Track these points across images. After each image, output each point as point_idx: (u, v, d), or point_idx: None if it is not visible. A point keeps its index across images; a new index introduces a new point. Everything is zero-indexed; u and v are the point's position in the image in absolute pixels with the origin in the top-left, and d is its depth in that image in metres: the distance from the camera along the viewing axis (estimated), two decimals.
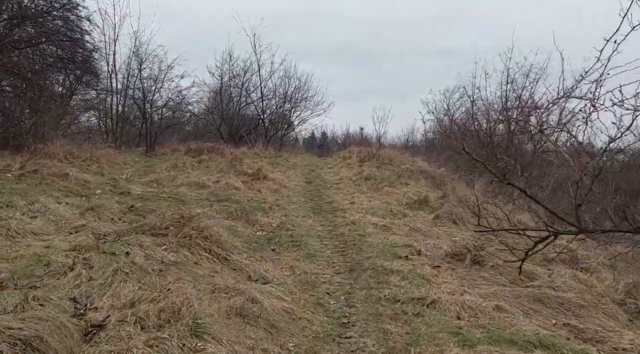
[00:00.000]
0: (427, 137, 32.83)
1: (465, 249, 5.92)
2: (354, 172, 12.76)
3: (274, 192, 10.33)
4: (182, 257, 4.47)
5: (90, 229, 4.86)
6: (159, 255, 4.36)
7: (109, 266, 3.71)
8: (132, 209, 5.90)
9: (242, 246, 5.57)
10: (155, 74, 15.63)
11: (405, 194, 9.85)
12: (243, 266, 4.87)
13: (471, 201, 8.62)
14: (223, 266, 4.58)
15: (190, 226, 5.02)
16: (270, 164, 14.24)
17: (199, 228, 5.01)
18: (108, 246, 4.26)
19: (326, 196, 10.12)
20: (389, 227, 7.37)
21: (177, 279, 3.64)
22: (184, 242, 4.76)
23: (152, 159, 13.80)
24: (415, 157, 15.88)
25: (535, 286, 4.79)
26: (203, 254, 4.69)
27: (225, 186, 9.80)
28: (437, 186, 11.66)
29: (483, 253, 5.60)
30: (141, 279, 3.61)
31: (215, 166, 12.41)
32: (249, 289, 3.89)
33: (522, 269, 5.21)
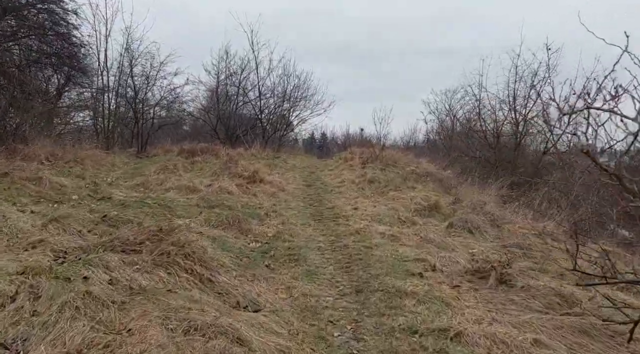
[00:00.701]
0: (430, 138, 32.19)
1: (487, 265, 5.16)
2: (357, 175, 12.01)
3: (270, 197, 9.57)
4: (155, 281, 3.72)
5: (50, 245, 4.11)
6: (128, 278, 3.60)
7: (59, 297, 2.97)
8: (104, 220, 5.16)
9: (232, 262, 4.81)
10: (147, 71, 14.88)
11: (413, 199, 9.09)
12: (230, 288, 4.12)
13: (487, 207, 7.88)
14: (204, 292, 3.82)
15: (169, 240, 4.26)
16: (267, 166, 13.48)
17: (179, 243, 4.25)
18: (64, 268, 3.51)
19: (327, 201, 9.36)
20: (397, 238, 6.61)
21: (142, 314, 2.89)
22: (160, 261, 4.00)
23: (143, 161, 13.04)
24: (420, 159, 15.12)
25: (577, 314, 4.03)
26: (182, 276, 3.93)
27: (218, 190, 9.04)
28: (446, 190, 10.91)
29: (510, 271, 4.84)
30: (96, 314, 2.86)
31: (209, 168, 11.67)
32: (234, 324, 3.13)
33: (557, 291, 4.47)
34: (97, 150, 12.05)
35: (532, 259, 5.87)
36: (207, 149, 13.56)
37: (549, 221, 7.48)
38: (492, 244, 6.47)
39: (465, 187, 12.16)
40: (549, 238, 6.84)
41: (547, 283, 4.71)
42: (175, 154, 13.37)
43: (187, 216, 6.88)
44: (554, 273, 5.17)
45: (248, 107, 21.00)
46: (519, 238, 6.77)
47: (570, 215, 7.58)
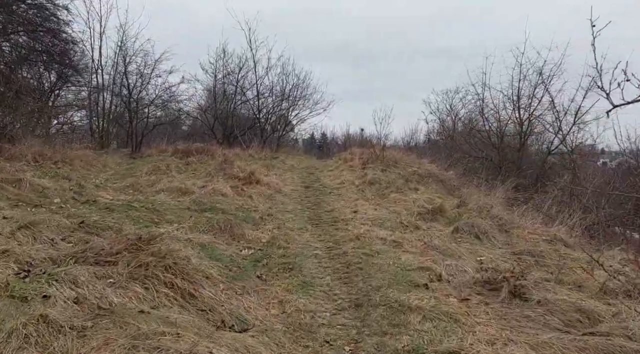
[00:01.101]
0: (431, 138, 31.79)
1: (498, 275, 4.75)
2: (357, 176, 11.59)
3: (267, 199, 9.16)
4: (130, 297, 3.30)
5: (15, 256, 3.69)
6: (98, 295, 3.19)
7: (8, 322, 2.56)
8: (82, 226, 4.74)
9: (220, 273, 4.40)
10: (141, 69, 14.46)
11: (416, 202, 8.68)
12: (216, 304, 3.70)
13: (494, 210, 7.46)
14: (185, 309, 3.41)
15: (148, 250, 3.85)
16: (265, 167, 13.07)
17: (160, 254, 3.84)
18: (24, 285, 3.10)
19: (326, 204, 8.94)
20: (400, 244, 6.19)
21: (104, 342, 2.48)
22: (137, 274, 3.59)
23: (136, 162, 12.62)
24: (421, 159, 14.70)
25: (602, 334, 3.61)
26: (161, 291, 3.52)
27: (212, 192, 8.63)
28: (450, 191, 10.50)
29: (524, 283, 4.42)
30: (49, 344, 2.45)
31: (204, 168, 11.26)
32: (215, 351, 2.72)
33: (577, 306, 4.05)
34: (88, 150, 11.63)
35: (545, 268, 5.45)
36: (202, 150, 13.14)
37: (560, 226, 7.06)
38: (501, 251, 6.06)
39: (470, 189, 11.75)
40: (562, 245, 6.42)
41: (565, 296, 4.29)
42: (170, 154, 12.95)
43: (177, 221, 6.47)
44: (571, 284, 4.76)
45: (246, 107, 20.62)
46: (529, 244, 6.35)
47: (583, 219, 7.17)
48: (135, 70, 14.78)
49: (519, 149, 17.24)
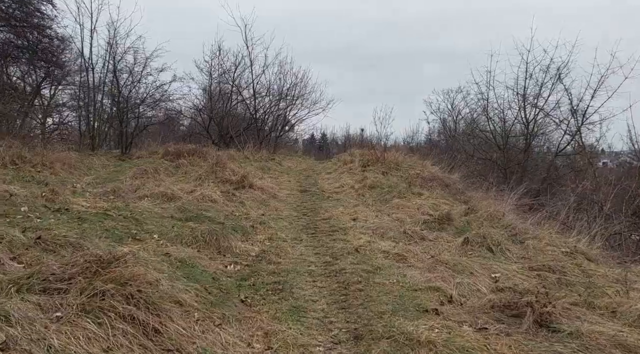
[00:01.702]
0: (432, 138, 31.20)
1: (518, 297, 4.12)
2: (356, 179, 10.98)
3: (260, 205, 8.54)
4: (77, 338, 2.68)
5: None
6: (34, 337, 2.57)
7: None
8: (39, 242, 4.12)
9: (197, 298, 3.77)
10: (131, 67, 13.84)
11: (420, 209, 8.06)
12: (186, 341, 3.08)
13: (506, 218, 6.84)
14: (147, 350, 2.79)
15: (108, 275, 3.22)
16: (260, 169, 12.48)
17: (121, 279, 3.21)
18: None
19: (323, 210, 8.32)
20: (404, 257, 5.57)
21: None
22: (91, 306, 2.97)
23: (124, 164, 12.02)
24: (424, 161, 14.07)
25: None
26: (119, 327, 2.90)
27: (200, 198, 8.01)
28: (455, 196, 9.88)
29: (552, 310, 3.79)
30: None
31: (195, 171, 10.63)
32: None
33: (617, 339, 3.43)
34: (73, 152, 11.00)
35: (570, 287, 4.83)
36: (194, 151, 12.53)
37: (579, 236, 6.43)
38: (517, 266, 5.43)
39: (476, 193, 11.15)
40: (584, 258, 5.80)
41: (600, 325, 3.66)
42: (160, 156, 12.34)
43: (158, 231, 5.85)
44: (604, 308, 4.13)
45: (243, 107, 20.02)
46: (547, 258, 5.73)
47: (604, 228, 6.55)
48: (125, 69, 14.17)
49: (525, 149, 16.63)
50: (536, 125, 16.47)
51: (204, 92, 18.69)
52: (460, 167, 14.40)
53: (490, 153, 17.67)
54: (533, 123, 16.58)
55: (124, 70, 14.30)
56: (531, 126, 16.37)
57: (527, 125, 16.34)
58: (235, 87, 18.57)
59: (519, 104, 16.27)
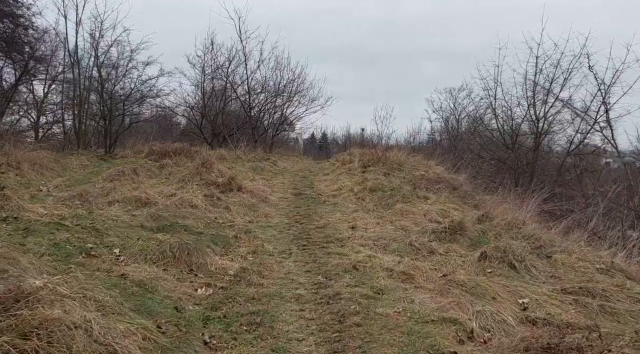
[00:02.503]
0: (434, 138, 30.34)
1: (560, 336, 3.23)
2: (356, 181, 10.07)
3: (248, 210, 7.65)
4: None
5: None
6: None
7: None
8: None
9: (141, 343, 2.87)
10: (114, 61, 12.93)
11: (427, 215, 7.16)
12: None
13: (527, 228, 5.95)
14: None
15: (5, 322, 2.32)
16: (252, 170, 11.58)
17: (24, 327, 2.31)
18: None
19: (318, 216, 7.42)
20: (411, 276, 4.68)
21: None
22: None
23: (105, 164, 11.12)
24: (428, 161, 13.16)
25: None
26: None
27: (179, 203, 7.12)
28: (465, 200, 8.97)
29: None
30: None
31: (180, 172, 9.74)
32: None
33: None
34: (46, 152, 10.11)
35: (616, 317, 3.93)
36: (181, 150, 11.63)
37: (614, 249, 5.53)
38: (548, 288, 4.53)
39: (487, 196, 10.27)
40: (623, 276, 4.90)
41: None
42: (144, 155, 11.45)
43: (120, 245, 4.96)
44: None
45: (238, 104, 19.11)
46: (581, 277, 4.83)
47: None
48: (109, 62, 13.27)
49: (535, 148, 15.71)
50: (546, 122, 15.55)
51: (196, 89, 17.79)
52: (466, 167, 13.46)
53: (497, 152, 16.78)
54: (543, 121, 15.67)
55: (108, 64, 13.40)
56: (541, 123, 15.45)
57: (537, 123, 15.42)
58: (229, 83, 17.65)
59: (529, 100, 15.34)
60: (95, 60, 13.10)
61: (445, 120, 30.05)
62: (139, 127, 19.18)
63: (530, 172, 15.65)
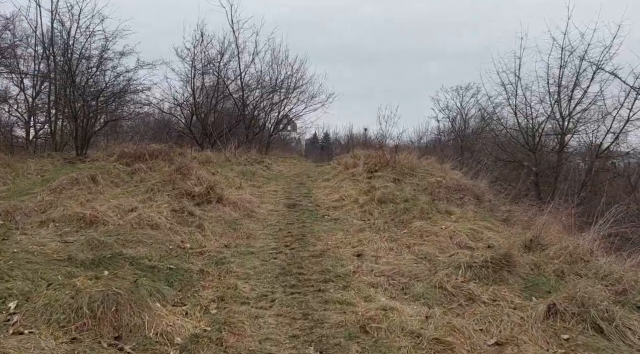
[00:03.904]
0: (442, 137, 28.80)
1: None
2: (361, 189, 8.50)
3: (227, 229, 6.10)
4: None
5: None
6: None
7: None
8: None
9: None
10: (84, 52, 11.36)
11: (454, 237, 5.57)
12: None
13: (598, 262, 4.36)
14: None
15: None
16: (240, 176, 10.01)
17: None
18: None
19: (315, 238, 5.85)
20: (450, 347, 3.11)
21: None
22: None
23: (69, 168, 9.58)
24: (442, 165, 11.56)
25: None
26: None
27: (137, 222, 5.55)
28: (493, 213, 7.39)
29: None
30: None
31: (152, 179, 8.20)
32: None
33: None
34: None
35: None
36: (159, 153, 10.09)
37: None
38: None
39: (514, 207, 8.68)
40: None
41: None
42: (114, 159, 9.90)
43: (21, 293, 3.41)
44: None
45: (231, 101, 17.55)
46: None
47: None
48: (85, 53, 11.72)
49: (560, 150, 14.10)
50: (572, 121, 13.94)
51: (184, 84, 16.21)
52: (484, 171, 11.85)
53: (515, 154, 15.18)
54: (568, 119, 14.05)
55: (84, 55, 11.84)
56: (567, 122, 13.84)
57: (562, 121, 13.81)
58: (221, 78, 16.09)
59: (553, 96, 13.73)
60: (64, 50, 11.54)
61: (452, 119, 28.58)
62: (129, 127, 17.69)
63: (554, 177, 14.07)
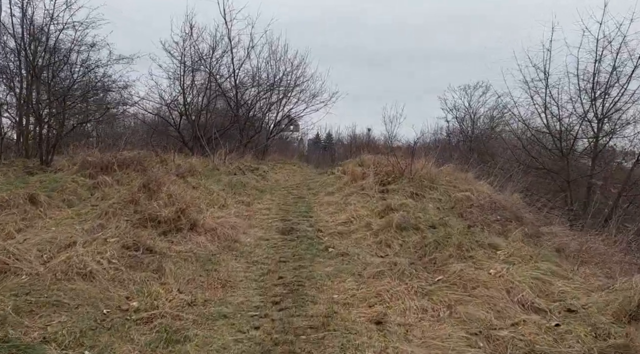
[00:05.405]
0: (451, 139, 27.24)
1: None
2: (374, 209, 6.89)
3: (196, 273, 4.51)
4: None
5: None
6: None
7: None
8: None
9: None
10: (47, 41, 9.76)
11: (513, 291, 3.92)
12: None
13: None
14: None
15: None
16: (228, 189, 8.42)
17: None
18: None
19: (315, 288, 4.23)
20: None
21: None
22: None
23: (20, 181, 7.99)
24: (466, 174, 9.92)
25: None
26: None
27: (64, 270, 3.95)
28: (539, 239, 5.75)
29: None
30: None
31: (116, 196, 6.61)
32: None
33: None
34: None
35: None
36: (130, 162, 8.48)
37: None
38: None
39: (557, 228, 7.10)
40: None
41: None
42: (76, 169, 8.30)
43: None
44: None
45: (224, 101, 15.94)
46: None
47: None
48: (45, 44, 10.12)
49: (594, 156, 12.42)
50: (609, 123, 12.27)
51: (173, 82, 14.59)
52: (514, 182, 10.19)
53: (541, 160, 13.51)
54: (603, 120, 12.38)
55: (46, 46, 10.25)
56: (604, 124, 12.17)
57: (598, 123, 12.13)
58: (213, 76, 14.48)
59: (589, 94, 12.05)
60: (22, 40, 9.95)
61: (460, 120, 27.06)
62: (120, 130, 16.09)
63: (587, 187, 12.39)
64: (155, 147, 12.80)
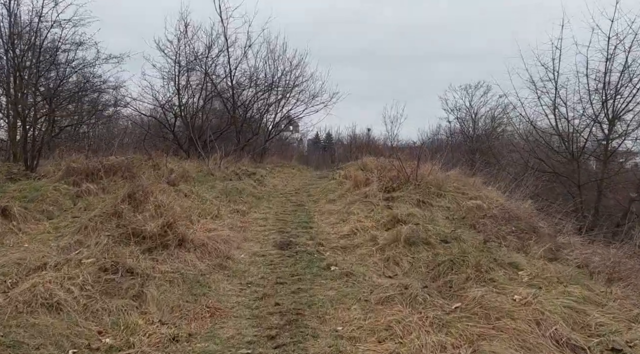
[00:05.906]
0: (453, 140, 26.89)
1: None
2: (379, 220, 6.39)
3: (183, 297, 4.02)
4: None
5: None
6: None
7: None
8: None
9: None
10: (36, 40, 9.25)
11: (542, 325, 3.41)
12: None
13: None
14: None
15: None
16: (223, 196, 7.91)
17: None
18: None
19: (315, 319, 3.72)
20: None
21: None
22: None
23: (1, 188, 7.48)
24: (473, 179, 9.42)
25: None
26: None
27: (27, 300, 3.43)
28: (559, 253, 5.25)
29: None
30: None
31: (100, 206, 6.09)
32: None
33: None
34: None
35: None
36: (117, 168, 7.97)
37: None
38: None
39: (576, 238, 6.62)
40: None
41: None
42: (58, 176, 7.79)
43: None
44: None
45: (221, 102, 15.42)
46: None
47: None
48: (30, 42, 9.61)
49: (605, 160, 11.93)
50: (623, 124, 11.79)
51: (167, 82, 14.06)
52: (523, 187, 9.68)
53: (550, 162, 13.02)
54: (614, 122, 11.89)
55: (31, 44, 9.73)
56: (615, 126, 11.69)
57: (609, 124, 11.65)
58: (209, 76, 13.96)
59: (600, 95, 11.57)
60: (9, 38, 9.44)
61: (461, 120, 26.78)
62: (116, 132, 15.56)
63: (597, 192, 11.90)
64: (149, 150, 12.31)
